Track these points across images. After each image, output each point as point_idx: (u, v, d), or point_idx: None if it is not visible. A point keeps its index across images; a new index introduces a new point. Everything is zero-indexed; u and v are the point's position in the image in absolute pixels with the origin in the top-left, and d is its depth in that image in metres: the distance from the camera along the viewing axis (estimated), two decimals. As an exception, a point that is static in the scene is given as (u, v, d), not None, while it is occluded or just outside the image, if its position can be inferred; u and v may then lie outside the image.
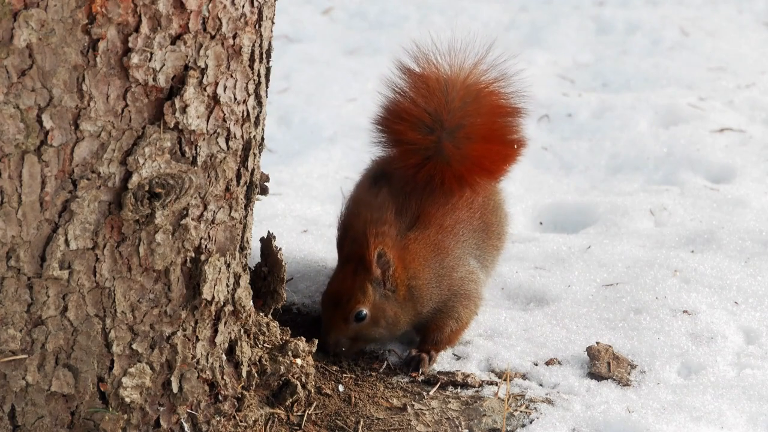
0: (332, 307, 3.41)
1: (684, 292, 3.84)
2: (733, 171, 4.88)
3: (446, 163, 3.53)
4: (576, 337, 3.64)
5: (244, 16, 2.89)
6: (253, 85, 2.98)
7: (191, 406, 3.01)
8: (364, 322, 3.40)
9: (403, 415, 3.27)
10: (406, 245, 3.44)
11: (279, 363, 3.18)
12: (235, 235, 3.03)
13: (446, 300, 3.49)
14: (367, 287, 3.39)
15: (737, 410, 3.35)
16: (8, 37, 2.63)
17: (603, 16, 6.66)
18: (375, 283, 3.40)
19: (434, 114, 3.54)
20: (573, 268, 4.00)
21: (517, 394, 3.38)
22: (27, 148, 2.69)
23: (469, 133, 3.55)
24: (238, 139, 2.96)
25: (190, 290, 2.95)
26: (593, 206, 4.55)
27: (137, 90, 2.76)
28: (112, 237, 2.81)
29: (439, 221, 3.51)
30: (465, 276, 3.52)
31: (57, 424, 2.88)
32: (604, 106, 5.49)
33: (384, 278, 3.40)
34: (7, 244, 2.74)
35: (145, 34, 2.73)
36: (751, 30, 6.62)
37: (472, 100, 3.56)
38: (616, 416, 3.28)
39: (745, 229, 4.25)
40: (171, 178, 2.83)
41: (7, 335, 2.80)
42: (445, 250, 3.49)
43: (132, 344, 2.90)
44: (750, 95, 5.62)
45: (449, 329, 3.52)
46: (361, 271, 3.38)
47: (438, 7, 6.82)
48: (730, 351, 3.60)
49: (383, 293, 3.41)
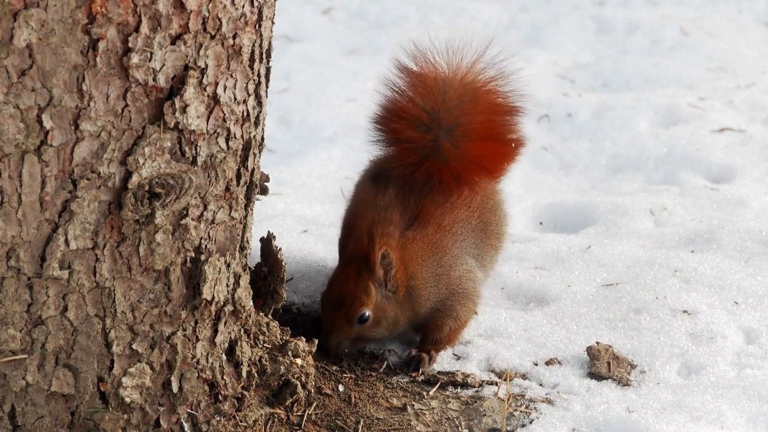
0: (334, 309, 3.40)
1: (684, 292, 3.84)
2: (733, 171, 4.88)
3: (444, 162, 3.53)
4: (576, 337, 3.64)
5: (244, 16, 2.89)
6: (253, 85, 2.98)
7: (191, 406, 3.01)
8: (366, 324, 3.40)
9: (403, 415, 3.27)
10: (405, 245, 3.44)
11: (279, 363, 3.18)
12: (235, 235, 3.03)
13: (444, 299, 3.49)
14: (370, 288, 3.39)
15: (737, 410, 3.35)
16: (8, 37, 2.63)
17: (603, 16, 6.66)
18: (377, 284, 3.40)
19: (432, 112, 3.54)
20: (573, 268, 4.00)
21: (517, 394, 3.38)
22: (27, 148, 2.69)
23: (467, 132, 3.55)
24: (238, 139, 2.96)
25: (190, 290, 2.94)
26: (593, 206, 4.55)
27: (137, 90, 2.76)
28: (112, 237, 2.81)
29: (438, 220, 3.51)
30: (463, 275, 3.52)
31: (57, 424, 2.88)
32: (604, 106, 5.49)
33: (386, 279, 3.40)
34: (7, 244, 2.74)
35: (145, 34, 2.73)
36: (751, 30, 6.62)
37: (470, 98, 3.56)
38: (616, 416, 3.28)
39: (745, 229, 4.25)
40: (171, 178, 2.83)
41: (7, 335, 2.80)
42: (443, 249, 3.49)
43: (132, 344, 2.90)
44: (750, 95, 5.62)
45: (448, 328, 3.51)
46: (364, 272, 3.38)
47: (438, 7, 6.82)
48: (730, 351, 3.60)
49: (384, 294, 3.41)
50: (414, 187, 3.53)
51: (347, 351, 3.44)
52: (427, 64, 3.58)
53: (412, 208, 3.51)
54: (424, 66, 3.58)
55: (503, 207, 3.74)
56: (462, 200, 3.58)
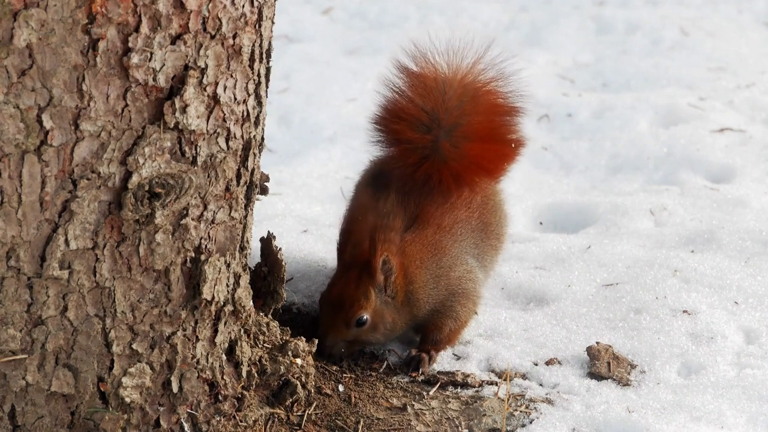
0: (333, 311, 3.41)
1: (684, 292, 3.84)
2: (733, 171, 4.88)
3: (444, 162, 3.53)
4: (576, 337, 3.64)
5: (244, 16, 2.89)
6: (253, 85, 2.98)
7: (191, 406, 3.01)
8: (364, 327, 3.40)
9: (403, 415, 3.27)
10: (404, 248, 3.44)
11: (279, 363, 3.18)
12: (235, 235, 3.03)
13: (444, 300, 3.49)
14: (370, 293, 3.39)
15: (737, 410, 3.35)
16: (8, 37, 2.63)
17: (603, 16, 6.66)
18: (377, 290, 3.40)
19: (431, 113, 3.54)
20: (573, 268, 4.00)
21: (517, 394, 3.38)
22: (27, 148, 2.69)
23: (467, 132, 3.55)
24: (238, 139, 2.96)
25: (190, 290, 2.94)
26: (593, 206, 4.55)
27: (137, 90, 2.76)
28: (112, 237, 2.81)
29: (438, 221, 3.51)
30: (463, 275, 3.52)
31: (57, 424, 2.88)
32: (604, 106, 5.49)
33: (386, 284, 3.40)
34: (7, 244, 2.74)
35: (145, 34, 2.73)
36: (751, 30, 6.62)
37: (470, 98, 3.56)
38: (616, 416, 3.28)
39: (745, 229, 4.25)
40: (171, 178, 2.83)
41: (7, 335, 2.80)
42: (442, 250, 3.49)
43: (132, 344, 2.90)
44: (750, 95, 5.62)
45: (448, 329, 3.51)
46: (365, 276, 3.38)
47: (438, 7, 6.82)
48: (730, 351, 3.60)
49: (384, 299, 3.41)
50: (414, 188, 3.53)
51: (342, 353, 3.44)
52: (427, 64, 3.58)
53: (411, 209, 3.51)
54: (424, 66, 3.58)
55: (503, 207, 3.74)
56: (462, 201, 3.58)
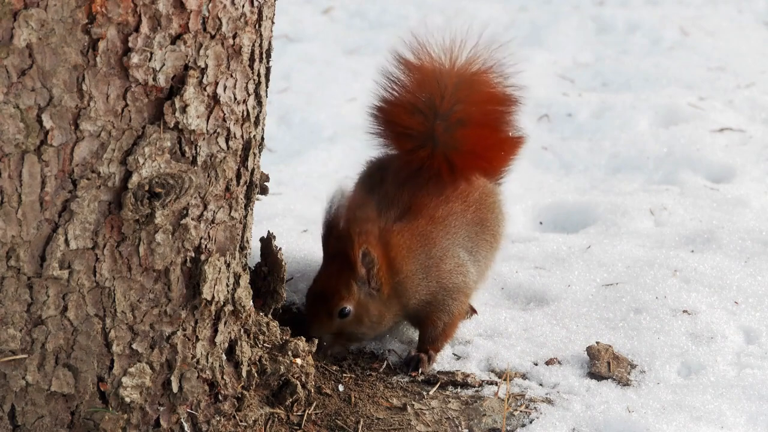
0: (317, 303, 3.42)
1: (684, 291, 3.84)
2: (733, 171, 4.88)
3: (439, 148, 3.54)
4: (576, 337, 3.64)
5: (244, 16, 2.89)
6: (253, 84, 2.98)
7: (191, 405, 3.01)
8: (347, 319, 3.40)
9: (403, 414, 3.27)
10: (390, 239, 3.43)
11: (279, 363, 3.18)
12: (235, 235, 3.03)
13: (435, 293, 3.48)
14: (351, 285, 3.39)
15: (737, 410, 3.35)
16: (8, 37, 2.63)
17: (603, 16, 6.66)
18: (360, 282, 3.40)
19: (428, 100, 3.56)
20: (573, 268, 4.00)
21: (517, 393, 3.38)
22: (27, 147, 2.69)
23: (462, 119, 3.56)
24: (238, 139, 2.96)
25: (190, 290, 2.95)
26: (593, 206, 4.55)
27: (137, 90, 2.76)
28: (112, 237, 2.81)
29: (431, 212, 3.52)
30: (453, 269, 3.51)
31: (57, 424, 2.88)
32: (604, 106, 5.49)
33: (369, 277, 3.40)
34: (7, 244, 2.74)
35: (145, 34, 2.73)
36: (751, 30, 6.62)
37: (466, 86, 3.57)
38: (616, 416, 3.28)
39: (745, 229, 4.25)
40: (171, 178, 2.83)
41: (7, 335, 2.80)
42: (432, 241, 3.49)
43: (132, 344, 2.90)
44: (750, 95, 5.63)
45: (442, 323, 3.51)
46: (346, 269, 3.39)
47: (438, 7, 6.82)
48: (730, 351, 3.60)
49: (368, 292, 3.41)
50: (408, 180, 3.54)
51: (327, 345, 3.43)
52: (424, 54, 3.60)
53: (405, 200, 3.52)
54: (422, 56, 3.60)
55: (501, 207, 3.74)
56: (458, 194, 3.58)
